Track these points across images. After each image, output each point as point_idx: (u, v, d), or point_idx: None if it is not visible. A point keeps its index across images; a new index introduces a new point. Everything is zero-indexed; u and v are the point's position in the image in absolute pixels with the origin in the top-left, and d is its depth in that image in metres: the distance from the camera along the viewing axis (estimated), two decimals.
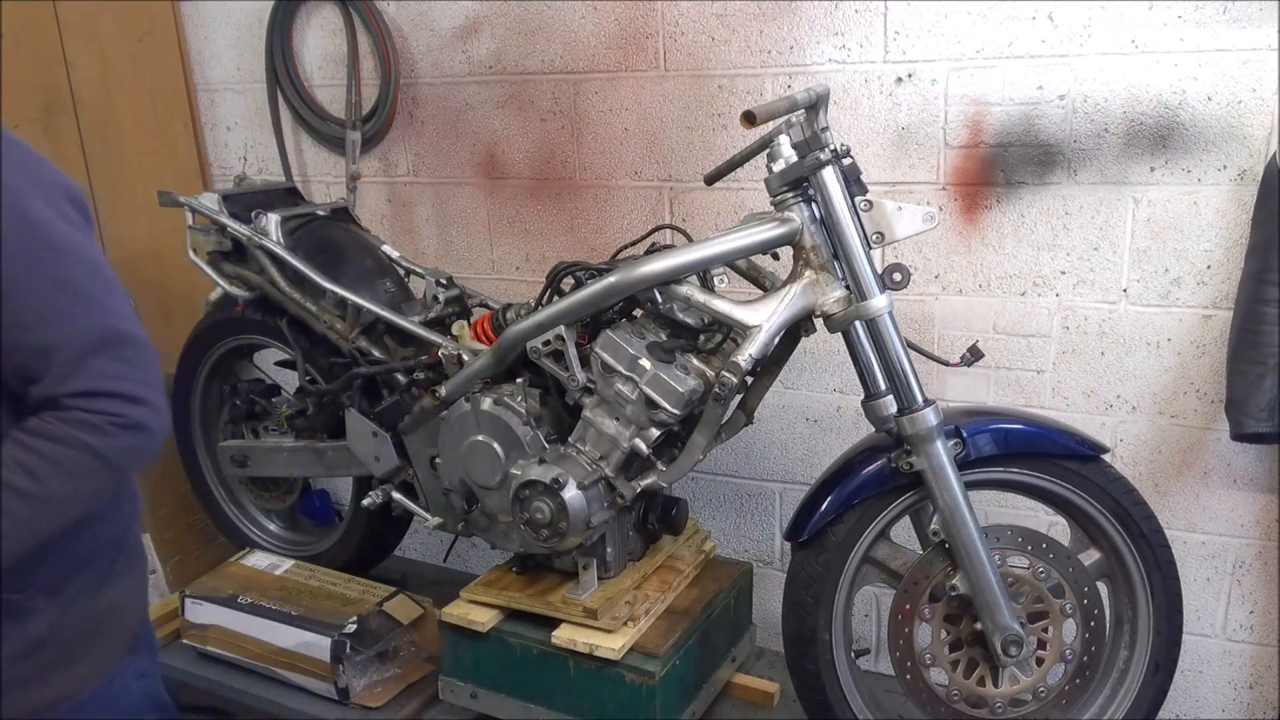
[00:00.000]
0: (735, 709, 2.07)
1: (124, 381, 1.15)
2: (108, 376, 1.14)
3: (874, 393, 1.67)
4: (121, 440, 1.15)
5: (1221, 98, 1.86)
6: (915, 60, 2.06)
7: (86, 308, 1.14)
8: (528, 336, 1.81)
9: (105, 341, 1.14)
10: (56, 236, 1.14)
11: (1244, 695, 2.16)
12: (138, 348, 1.18)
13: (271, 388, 2.47)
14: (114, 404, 1.14)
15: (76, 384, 1.12)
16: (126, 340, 1.17)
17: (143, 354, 1.18)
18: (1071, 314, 2.08)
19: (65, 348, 1.12)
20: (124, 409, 1.14)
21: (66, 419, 1.12)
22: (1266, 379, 1.80)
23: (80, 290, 1.14)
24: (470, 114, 2.53)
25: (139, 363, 1.17)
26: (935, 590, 1.70)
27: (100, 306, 1.16)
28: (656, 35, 2.27)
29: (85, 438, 1.12)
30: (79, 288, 1.14)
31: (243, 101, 2.84)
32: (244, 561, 2.35)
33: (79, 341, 1.12)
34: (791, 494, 2.42)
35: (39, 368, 1.11)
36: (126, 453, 1.17)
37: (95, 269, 1.17)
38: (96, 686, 1.30)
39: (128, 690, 1.35)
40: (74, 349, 1.12)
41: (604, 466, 1.79)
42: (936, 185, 2.11)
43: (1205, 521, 2.08)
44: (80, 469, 1.14)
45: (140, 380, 1.17)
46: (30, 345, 1.11)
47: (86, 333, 1.13)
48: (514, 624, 1.93)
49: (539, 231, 2.55)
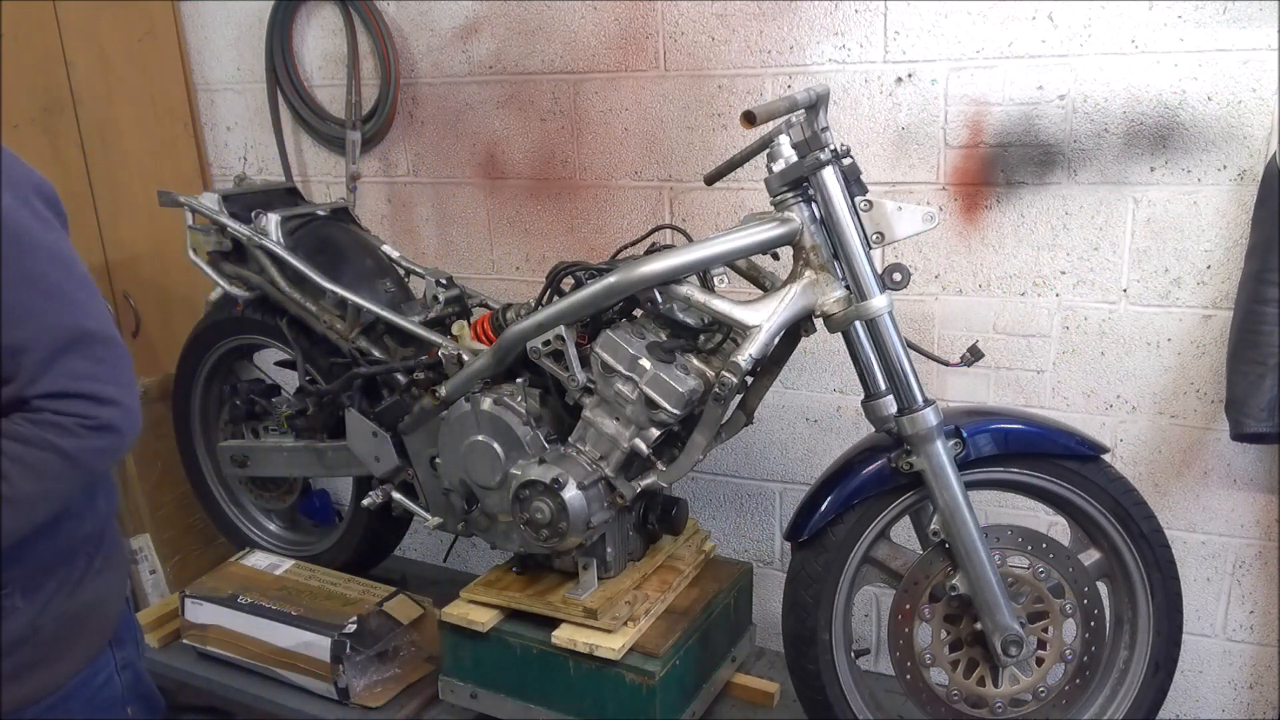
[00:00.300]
0: (735, 709, 2.07)
1: (93, 382, 1.14)
2: (78, 377, 1.13)
3: (874, 393, 1.67)
4: (91, 441, 1.14)
5: (1221, 98, 1.86)
6: (915, 60, 2.06)
7: (58, 306, 1.13)
8: (528, 336, 1.81)
9: (75, 340, 1.13)
10: (25, 233, 1.12)
11: (1244, 695, 2.16)
12: (109, 346, 1.17)
13: (271, 388, 2.47)
14: (83, 405, 1.12)
15: (46, 385, 1.11)
16: (97, 339, 1.15)
17: (114, 353, 1.17)
18: (1071, 314, 2.08)
19: (35, 347, 1.10)
20: (93, 410, 1.13)
21: (36, 420, 1.11)
22: (1266, 379, 1.80)
23: (51, 288, 1.13)
24: (470, 114, 2.54)
25: (110, 362, 1.16)
26: (935, 590, 1.70)
27: (71, 304, 1.14)
28: (656, 35, 2.27)
29: (54, 439, 1.11)
30: (49, 285, 1.13)
31: (243, 101, 2.84)
32: (244, 561, 2.35)
33: (48, 341, 1.11)
34: (791, 494, 2.42)
35: (9, 368, 1.10)
36: (96, 454, 1.16)
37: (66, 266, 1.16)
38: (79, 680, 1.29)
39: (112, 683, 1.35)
40: (44, 349, 1.11)
41: (604, 466, 1.79)
42: (936, 185, 2.11)
43: (1205, 521, 2.08)
44: (49, 471, 1.13)
45: (110, 380, 1.15)
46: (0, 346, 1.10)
47: (56, 331, 1.12)
48: (514, 624, 1.93)
49: (539, 231, 2.55)
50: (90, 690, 1.31)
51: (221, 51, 2.82)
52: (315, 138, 2.75)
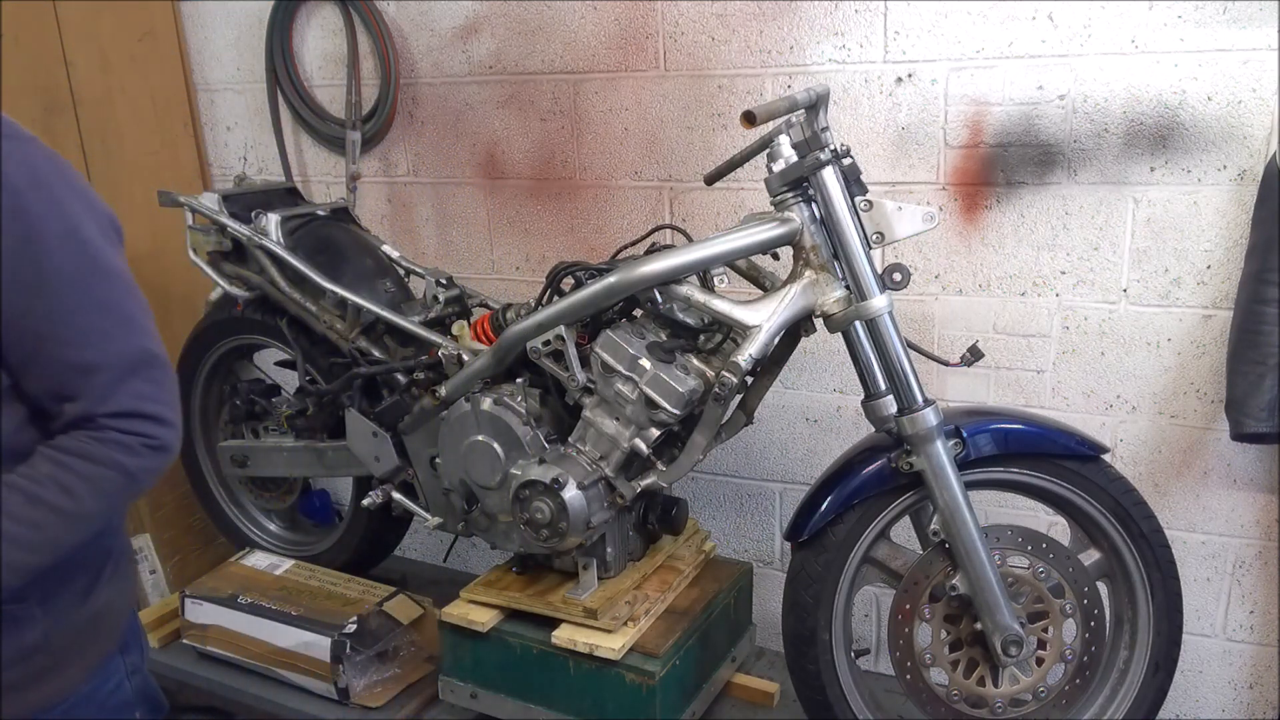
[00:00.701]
0: (735, 709, 2.07)
1: (154, 403, 1.19)
2: (142, 398, 1.17)
3: (874, 393, 1.67)
4: (149, 461, 1.18)
5: (1221, 98, 1.86)
6: (915, 60, 2.06)
7: (127, 330, 1.18)
8: (528, 336, 1.81)
9: (141, 363, 1.18)
10: (105, 261, 1.17)
11: (1244, 695, 2.16)
12: (165, 370, 1.22)
13: (271, 388, 2.47)
14: (146, 425, 1.17)
15: (115, 404, 1.15)
16: (156, 362, 1.21)
17: (168, 375, 1.23)
18: (1071, 314, 2.08)
19: (106, 368, 1.15)
20: (155, 430, 1.18)
21: (103, 439, 1.15)
22: (1266, 379, 1.80)
23: (122, 313, 1.18)
24: (470, 114, 2.54)
25: (166, 384, 1.22)
26: (935, 590, 1.70)
27: (139, 329, 1.20)
28: (656, 35, 2.27)
29: (120, 458, 1.16)
30: (121, 310, 1.18)
31: (243, 101, 2.84)
32: (244, 561, 2.35)
33: (119, 363, 1.16)
34: (791, 494, 2.42)
35: (77, 386, 1.14)
36: (151, 473, 1.21)
37: (134, 292, 1.22)
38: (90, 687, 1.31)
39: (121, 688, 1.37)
40: (114, 370, 1.16)
41: (604, 466, 1.79)
42: (936, 185, 2.11)
43: (1205, 521, 2.08)
44: (112, 488, 1.17)
45: (167, 402, 1.21)
46: (72, 364, 1.14)
47: (125, 354, 1.17)
48: (514, 624, 1.93)
49: (539, 231, 2.55)
50: (101, 696, 1.33)
51: (221, 51, 2.82)
52: (315, 138, 2.75)
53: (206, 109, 2.90)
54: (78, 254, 1.14)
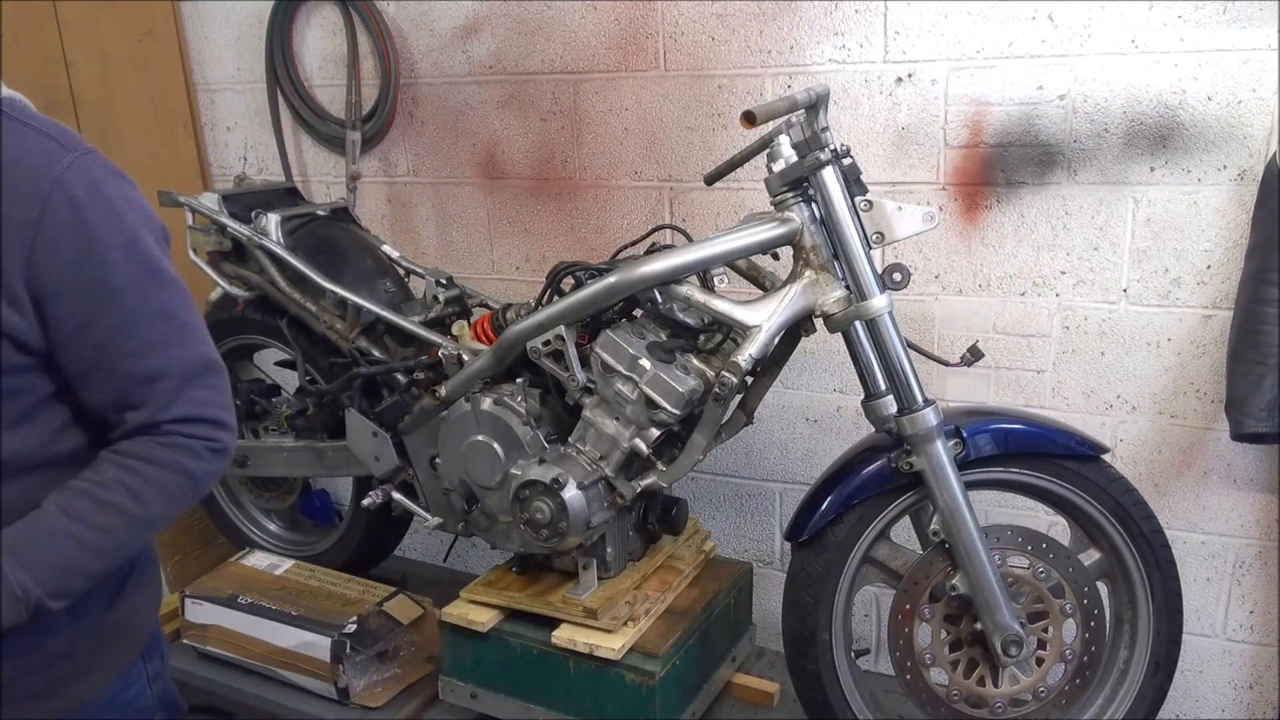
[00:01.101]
0: (735, 709, 2.07)
1: (215, 408, 1.20)
2: (204, 403, 1.19)
3: (874, 393, 1.67)
4: (212, 464, 1.20)
5: (1221, 98, 1.86)
6: (915, 60, 2.06)
7: (187, 337, 1.20)
8: (528, 336, 1.81)
9: (202, 369, 1.20)
10: (163, 271, 1.19)
11: (1244, 695, 2.16)
12: (221, 374, 1.24)
13: (271, 388, 2.47)
14: (208, 429, 1.19)
15: (178, 410, 1.17)
16: (214, 367, 1.22)
17: (224, 380, 1.24)
18: (1071, 314, 2.08)
19: (169, 376, 1.17)
20: (216, 434, 1.20)
21: (169, 444, 1.17)
22: (1266, 379, 1.80)
23: (182, 321, 1.20)
24: (470, 114, 2.54)
25: (222, 388, 1.23)
26: (935, 590, 1.70)
27: (197, 336, 1.22)
28: (656, 35, 2.27)
29: (186, 461, 1.17)
30: (179, 318, 1.20)
31: (243, 101, 2.84)
32: (244, 561, 2.35)
33: (180, 370, 1.18)
34: (791, 494, 2.42)
35: (142, 394, 1.16)
36: (213, 476, 1.22)
37: (189, 300, 1.23)
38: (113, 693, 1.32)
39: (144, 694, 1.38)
40: (176, 377, 1.17)
41: (604, 466, 1.79)
42: (936, 185, 2.11)
43: (1205, 521, 2.08)
44: (178, 492, 1.19)
45: (225, 406, 1.23)
46: (136, 373, 1.15)
47: (186, 362, 1.19)
48: (514, 624, 1.93)
49: (539, 231, 2.55)
50: (123, 702, 1.34)
51: (221, 51, 2.81)
52: (315, 138, 2.75)
53: (206, 109, 2.90)
54: (138, 264, 1.15)
